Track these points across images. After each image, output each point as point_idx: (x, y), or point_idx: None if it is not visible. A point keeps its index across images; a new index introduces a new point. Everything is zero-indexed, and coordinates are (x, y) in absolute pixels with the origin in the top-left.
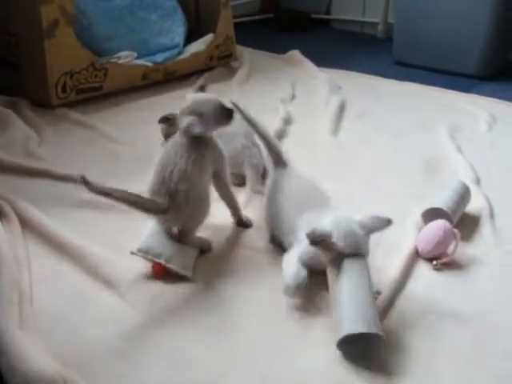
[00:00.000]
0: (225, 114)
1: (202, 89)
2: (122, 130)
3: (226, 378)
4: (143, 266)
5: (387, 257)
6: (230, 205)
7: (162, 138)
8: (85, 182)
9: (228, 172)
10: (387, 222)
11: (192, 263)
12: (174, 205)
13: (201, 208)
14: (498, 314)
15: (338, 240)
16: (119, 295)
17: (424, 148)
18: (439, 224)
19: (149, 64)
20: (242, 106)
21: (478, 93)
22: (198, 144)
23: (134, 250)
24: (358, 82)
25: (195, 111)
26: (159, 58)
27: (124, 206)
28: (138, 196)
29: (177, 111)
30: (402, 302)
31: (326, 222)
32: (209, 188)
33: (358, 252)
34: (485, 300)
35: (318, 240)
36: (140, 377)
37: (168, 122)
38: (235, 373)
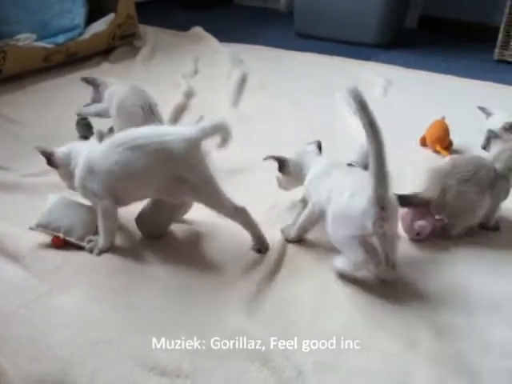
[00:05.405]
0: None
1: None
2: (25, 112)
3: (128, 336)
4: (46, 238)
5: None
6: None
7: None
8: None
9: None
10: None
11: (92, 232)
12: None
13: None
14: None
15: None
16: (24, 267)
17: (321, 113)
18: None
19: (49, 46)
20: None
21: (376, 61)
22: None
23: (33, 226)
24: (259, 54)
25: None
26: (60, 39)
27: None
28: None
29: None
30: None
31: None
32: None
33: None
34: None
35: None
36: (47, 340)
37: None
38: (137, 330)
